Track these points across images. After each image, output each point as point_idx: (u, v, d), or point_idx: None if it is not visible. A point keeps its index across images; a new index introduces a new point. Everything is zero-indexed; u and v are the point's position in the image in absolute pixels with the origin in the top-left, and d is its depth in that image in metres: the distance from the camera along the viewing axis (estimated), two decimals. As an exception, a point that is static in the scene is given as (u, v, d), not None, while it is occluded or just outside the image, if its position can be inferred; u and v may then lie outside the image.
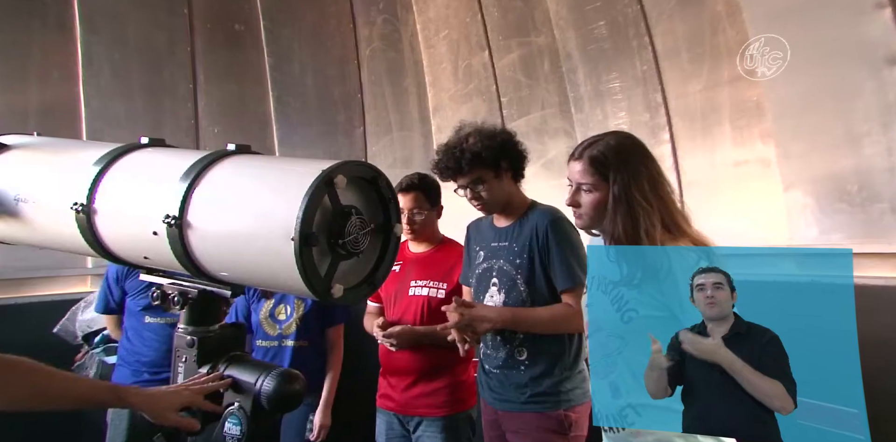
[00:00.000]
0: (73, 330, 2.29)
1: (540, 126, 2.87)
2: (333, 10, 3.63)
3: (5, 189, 0.91)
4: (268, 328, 1.95)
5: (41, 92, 2.67)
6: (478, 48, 3.12)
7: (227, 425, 0.80)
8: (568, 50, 2.70)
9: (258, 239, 0.79)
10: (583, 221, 1.16)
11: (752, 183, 2.11)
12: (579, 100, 2.69)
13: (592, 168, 1.11)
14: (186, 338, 0.88)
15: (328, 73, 3.60)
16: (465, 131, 1.61)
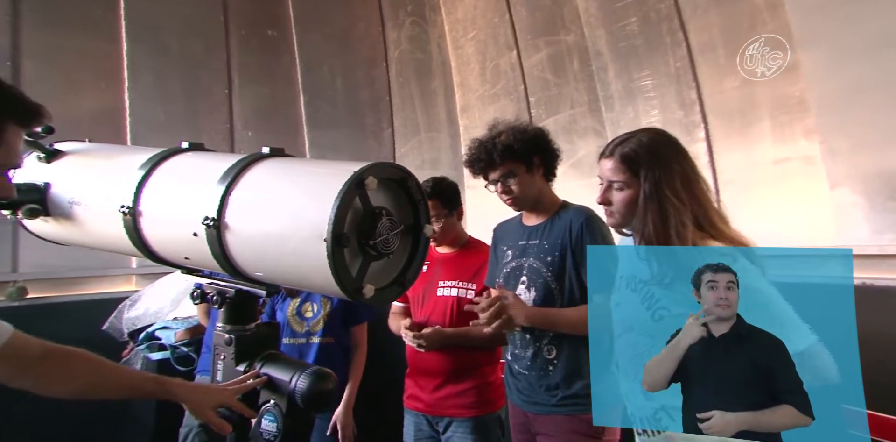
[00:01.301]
0: (119, 327, 2.40)
1: (569, 125, 2.84)
2: (362, 14, 3.69)
3: (61, 193, 0.97)
4: (295, 326, 1.99)
5: (91, 99, 2.81)
6: (505, 48, 3.11)
7: (263, 422, 0.82)
8: (598, 48, 2.66)
9: (291, 240, 0.80)
10: (614, 219, 1.14)
11: (795, 181, 2.03)
12: (609, 98, 2.65)
13: (624, 165, 1.09)
14: (225, 336, 0.91)
15: (357, 75, 3.66)
16: (497, 128, 1.61)
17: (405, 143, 3.67)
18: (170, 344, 2.29)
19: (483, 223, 2.06)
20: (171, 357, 2.24)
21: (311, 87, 3.51)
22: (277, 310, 2.02)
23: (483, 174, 1.62)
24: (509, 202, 1.63)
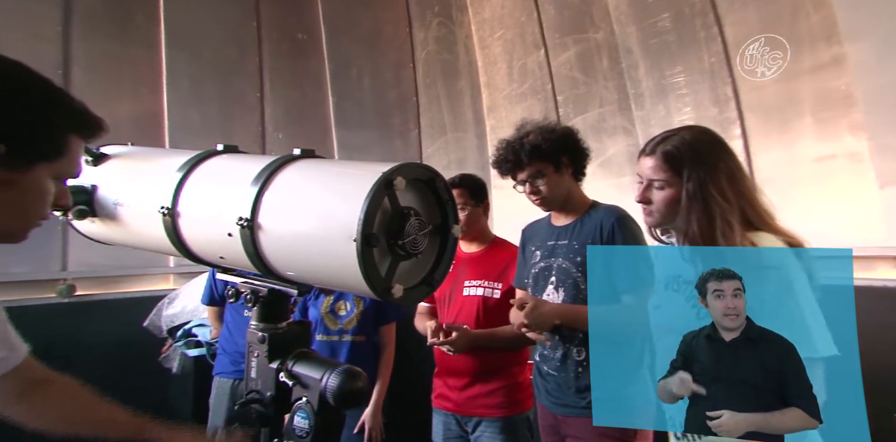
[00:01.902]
0: (159, 324, 2.49)
1: (597, 124, 2.80)
2: (390, 16, 3.72)
3: (106, 194, 1.01)
4: (329, 323, 2.02)
5: (132, 105, 2.93)
6: (533, 47, 3.09)
7: (296, 419, 0.84)
8: (628, 45, 2.61)
9: (321, 240, 0.82)
10: (653, 219, 1.12)
11: (840, 180, 1.95)
12: (640, 96, 2.60)
13: (666, 164, 1.07)
14: (258, 334, 0.93)
15: (384, 77, 3.70)
16: (525, 128, 1.60)
17: (432, 144, 3.69)
18: (205, 341, 2.36)
19: (511, 223, 2.05)
20: (206, 354, 2.31)
21: (340, 89, 3.57)
22: (310, 307, 2.06)
23: (511, 175, 1.61)
24: (538, 202, 1.61)
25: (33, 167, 0.68)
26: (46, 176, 0.71)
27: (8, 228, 0.72)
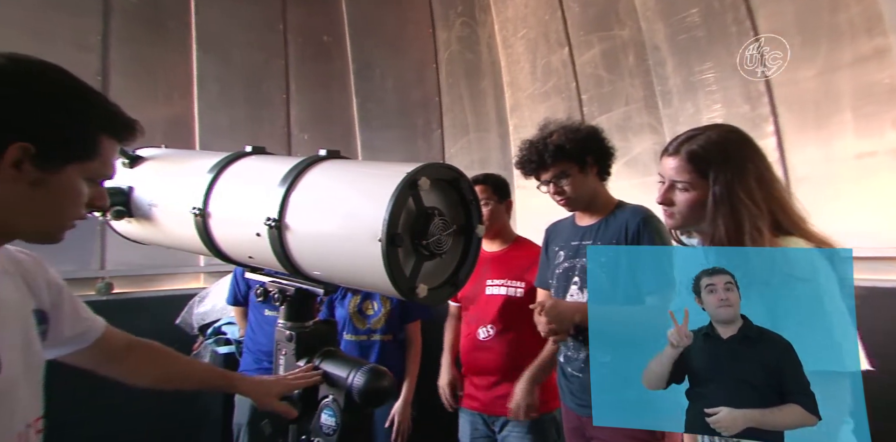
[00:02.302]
0: (190, 322, 2.56)
1: (623, 123, 2.75)
2: (413, 16, 3.74)
3: (142, 195, 1.05)
4: (357, 323, 2.04)
5: (165, 109, 3.02)
6: (557, 45, 3.06)
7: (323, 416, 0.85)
8: (655, 42, 2.56)
9: (347, 240, 0.83)
10: (675, 221, 1.08)
11: (882, 177, 1.87)
12: (667, 93, 2.55)
13: (690, 165, 1.02)
14: (286, 333, 0.95)
15: (407, 77, 3.72)
16: (549, 128, 1.59)
17: (454, 144, 3.69)
18: (234, 339, 2.42)
19: (534, 223, 2.03)
20: (235, 351, 2.36)
21: (363, 91, 3.60)
22: (337, 306, 2.08)
23: (534, 175, 1.60)
24: (562, 203, 1.60)
25: (64, 168, 0.70)
26: (78, 177, 0.72)
27: (43, 228, 0.73)
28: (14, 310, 0.75)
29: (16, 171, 0.66)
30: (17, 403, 0.72)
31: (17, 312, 0.75)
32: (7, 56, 0.69)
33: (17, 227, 0.71)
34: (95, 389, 1.04)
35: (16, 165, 0.66)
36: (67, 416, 0.91)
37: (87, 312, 0.94)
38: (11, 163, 0.66)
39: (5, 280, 0.75)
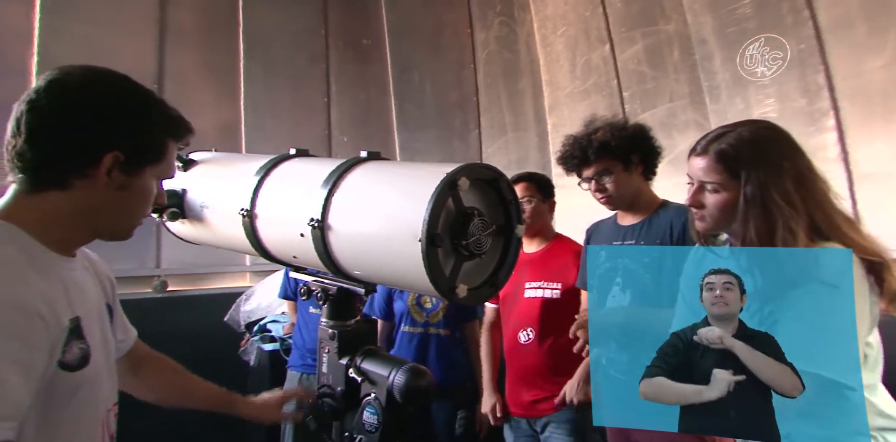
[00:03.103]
0: (238, 319, 2.66)
1: (667, 120, 2.67)
2: (451, 18, 3.75)
3: (194, 197, 1.10)
4: (415, 315, 2.05)
5: (214, 113, 3.16)
6: (598, 42, 3.00)
7: (365, 414, 0.87)
8: (702, 35, 2.47)
9: (387, 240, 0.84)
10: (705, 224, 1.03)
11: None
12: (715, 89, 2.45)
13: (720, 165, 0.97)
14: (328, 331, 0.97)
15: (445, 78, 3.73)
16: (594, 125, 1.56)
17: (492, 144, 3.68)
18: (278, 336, 2.49)
19: (573, 223, 2.00)
20: (279, 348, 2.44)
21: (402, 92, 3.65)
22: (396, 299, 2.09)
23: (576, 171, 1.57)
24: (603, 201, 1.56)
25: (143, 171, 0.76)
26: (152, 178, 0.78)
27: (120, 228, 0.80)
28: (94, 301, 0.81)
29: (107, 178, 0.72)
30: (102, 389, 0.77)
31: (97, 305, 0.81)
32: (89, 69, 0.74)
33: (99, 227, 0.77)
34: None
35: (108, 172, 0.72)
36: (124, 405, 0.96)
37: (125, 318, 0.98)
38: (105, 170, 0.72)
39: (87, 275, 0.81)
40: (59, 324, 0.67)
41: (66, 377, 0.68)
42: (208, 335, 1.06)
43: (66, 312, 0.69)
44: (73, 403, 0.70)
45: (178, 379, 1.06)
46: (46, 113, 0.70)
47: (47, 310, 0.65)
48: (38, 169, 0.71)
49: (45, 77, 0.72)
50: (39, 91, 0.71)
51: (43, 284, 0.67)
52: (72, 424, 0.71)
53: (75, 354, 0.69)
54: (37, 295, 0.65)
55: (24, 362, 0.61)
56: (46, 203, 0.72)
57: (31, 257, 0.69)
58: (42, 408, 0.66)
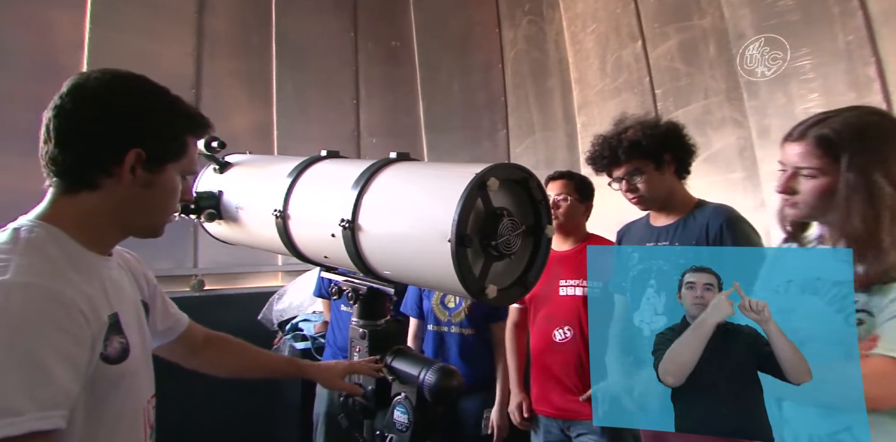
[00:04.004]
0: (270, 318, 2.73)
1: (702, 117, 2.59)
2: (479, 18, 3.74)
3: (230, 199, 1.13)
4: (439, 314, 2.05)
5: (248, 116, 3.24)
6: (629, 39, 2.93)
7: (395, 413, 0.88)
8: (740, 29, 2.38)
9: (417, 240, 0.84)
10: (798, 211, 0.99)
11: None
12: (753, 84, 2.36)
13: (820, 149, 0.94)
14: (359, 330, 0.99)
15: (473, 79, 3.73)
16: (624, 123, 1.52)
17: (520, 144, 3.65)
18: (310, 335, 2.54)
19: (603, 224, 1.96)
20: (311, 347, 2.48)
21: (430, 93, 3.66)
22: (424, 298, 2.10)
23: (606, 171, 1.54)
24: (634, 201, 1.52)
25: (165, 168, 0.79)
26: (175, 174, 0.81)
27: (152, 225, 0.83)
28: (130, 298, 0.84)
29: (131, 176, 0.75)
30: (142, 381, 0.81)
31: (132, 300, 0.85)
32: (108, 72, 0.77)
33: (132, 225, 0.81)
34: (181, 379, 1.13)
35: (131, 170, 0.75)
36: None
37: (174, 308, 1.03)
38: (129, 168, 0.75)
39: (121, 273, 0.85)
40: (98, 319, 0.70)
41: (108, 370, 0.71)
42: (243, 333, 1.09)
43: (105, 308, 0.72)
44: (115, 394, 0.73)
45: (242, 353, 1.12)
46: (70, 116, 0.73)
47: (87, 306, 0.68)
48: (69, 171, 0.74)
49: (68, 83, 0.76)
50: (63, 96, 0.74)
51: (82, 281, 0.70)
52: (115, 414, 0.74)
53: (116, 348, 0.73)
54: (77, 292, 0.68)
55: (70, 355, 0.64)
56: (80, 204, 0.75)
57: (71, 257, 0.72)
58: (88, 399, 0.69)
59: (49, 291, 0.65)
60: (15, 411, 0.58)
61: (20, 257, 0.67)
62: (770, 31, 2.27)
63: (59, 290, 0.66)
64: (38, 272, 0.66)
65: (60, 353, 0.63)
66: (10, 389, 0.59)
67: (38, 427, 0.59)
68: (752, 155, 2.37)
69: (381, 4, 3.67)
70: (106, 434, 0.73)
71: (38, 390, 0.60)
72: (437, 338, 2.02)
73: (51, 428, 0.60)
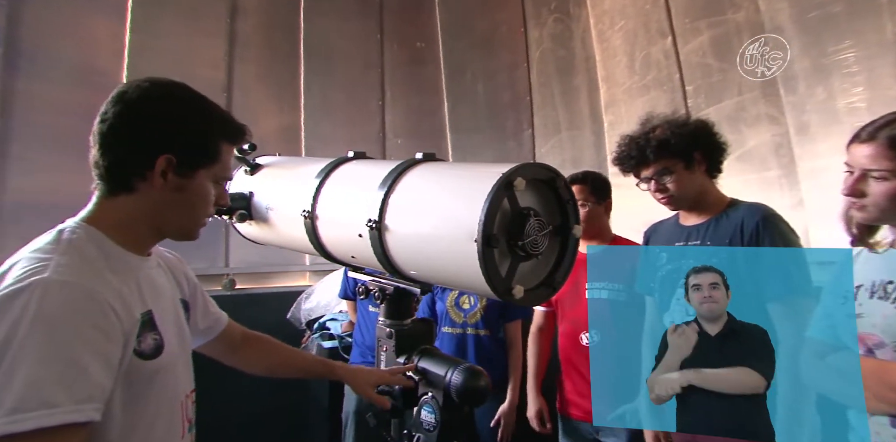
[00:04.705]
0: (299, 317, 2.77)
1: (735, 114, 2.52)
2: (504, 17, 3.73)
3: (260, 200, 1.16)
4: (454, 316, 2.06)
5: (277, 119, 3.31)
6: (658, 35, 2.87)
7: (423, 413, 0.88)
8: (777, 23, 2.30)
9: (443, 240, 0.84)
10: (868, 215, 0.97)
11: None
12: (791, 79, 2.28)
13: (892, 151, 0.92)
14: (386, 330, 0.99)
15: (498, 78, 3.71)
16: (651, 123, 1.49)
17: (545, 143, 3.62)
18: (337, 334, 2.57)
19: (630, 224, 1.92)
20: (338, 346, 2.51)
21: (455, 94, 3.66)
22: (437, 300, 2.11)
23: (633, 172, 1.51)
24: (664, 201, 1.49)
25: (196, 173, 0.81)
26: (207, 180, 0.83)
27: (185, 228, 0.85)
28: (169, 297, 0.87)
29: (162, 180, 0.78)
30: (177, 376, 0.84)
31: (170, 298, 0.88)
32: (150, 80, 0.81)
33: (166, 228, 0.84)
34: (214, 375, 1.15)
35: (163, 175, 0.78)
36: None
37: (214, 306, 1.06)
38: (160, 173, 0.78)
39: (160, 272, 0.88)
40: (131, 317, 0.73)
41: (143, 365, 0.74)
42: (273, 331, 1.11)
43: (138, 306, 0.76)
44: (152, 388, 0.76)
45: (277, 353, 1.15)
46: (112, 122, 0.78)
47: (120, 304, 0.71)
48: (109, 174, 0.79)
49: (114, 91, 0.80)
50: (108, 104, 0.79)
51: (117, 281, 0.74)
52: (152, 407, 0.77)
53: (150, 344, 0.76)
54: (111, 291, 0.71)
55: (103, 351, 0.67)
56: (119, 206, 0.79)
57: (109, 257, 0.76)
58: (125, 393, 0.72)
59: (84, 289, 0.68)
60: (51, 403, 0.61)
61: (60, 257, 0.71)
62: (811, 23, 2.18)
63: (94, 289, 0.69)
64: (75, 271, 0.69)
65: (94, 349, 0.66)
66: (48, 383, 0.62)
67: (72, 419, 0.62)
68: (790, 152, 2.29)
69: (406, 6, 3.69)
70: (144, 428, 0.76)
71: (73, 384, 0.63)
72: (454, 340, 2.02)
73: (85, 420, 0.63)
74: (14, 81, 2.46)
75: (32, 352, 0.62)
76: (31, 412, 0.60)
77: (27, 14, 2.52)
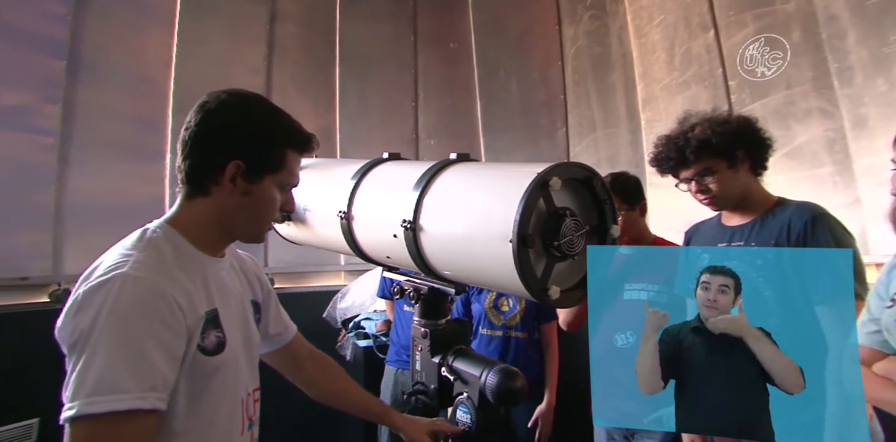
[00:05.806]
0: (334, 316, 2.82)
1: (783, 109, 2.40)
2: (538, 15, 3.69)
3: (298, 201, 1.18)
4: (493, 318, 2.05)
5: (314, 121, 3.39)
6: (700, 29, 2.78)
7: (458, 413, 0.88)
8: (832, 12, 2.19)
9: (478, 240, 0.84)
10: None
11: None
12: (847, 70, 2.16)
13: None
14: (421, 330, 1.00)
15: (532, 77, 3.67)
16: (690, 121, 1.44)
17: (580, 142, 3.56)
18: (371, 333, 2.60)
19: (669, 224, 1.87)
20: (373, 345, 2.54)
21: (488, 93, 3.65)
22: (473, 301, 2.11)
23: (672, 173, 1.46)
24: (706, 202, 1.43)
25: (263, 179, 0.86)
26: (273, 185, 0.88)
27: (252, 230, 0.90)
28: (236, 297, 0.92)
29: (232, 185, 0.84)
30: (240, 372, 0.88)
31: (238, 298, 0.92)
32: (228, 92, 0.87)
33: (235, 230, 0.89)
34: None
35: (232, 180, 0.83)
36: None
37: (285, 315, 1.10)
38: (230, 178, 0.83)
39: (231, 273, 0.93)
40: (195, 314, 0.78)
41: (205, 360, 0.79)
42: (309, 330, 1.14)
43: (203, 304, 0.80)
44: (213, 382, 0.81)
45: (336, 380, 1.14)
46: (192, 130, 0.84)
47: (186, 301, 0.76)
48: (188, 178, 0.85)
49: (198, 102, 0.87)
50: (192, 113, 0.86)
51: (186, 279, 0.79)
52: (214, 402, 0.81)
53: (213, 340, 0.80)
54: (178, 288, 0.76)
55: (169, 345, 0.73)
56: (196, 208, 0.86)
57: (181, 256, 0.82)
58: (188, 386, 0.77)
59: (154, 285, 0.73)
60: (122, 389, 0.66)
61: (139, 253, 0.77)
62: (871, 11, 2.06)
63: (163, 285, 0.74)
64: (149, 268, 0.75)
65: (161, 342, 0.71)
66: (119, 370, 0.67)
67: (139, 405, 0.67)
68: (844, 148, 2.17)
69: (439, 7, 3.71)
70: (205, 422, 0.80)
71: (141, 374, 0.68)
72: (494, 342, 2.02)
73: (149, 407, 0.68)
74: (75, 91, 2.60)
75: (109, 340, 0.68)
76: (105, 396, 0.65)
77: (88, 28, 2.67)
